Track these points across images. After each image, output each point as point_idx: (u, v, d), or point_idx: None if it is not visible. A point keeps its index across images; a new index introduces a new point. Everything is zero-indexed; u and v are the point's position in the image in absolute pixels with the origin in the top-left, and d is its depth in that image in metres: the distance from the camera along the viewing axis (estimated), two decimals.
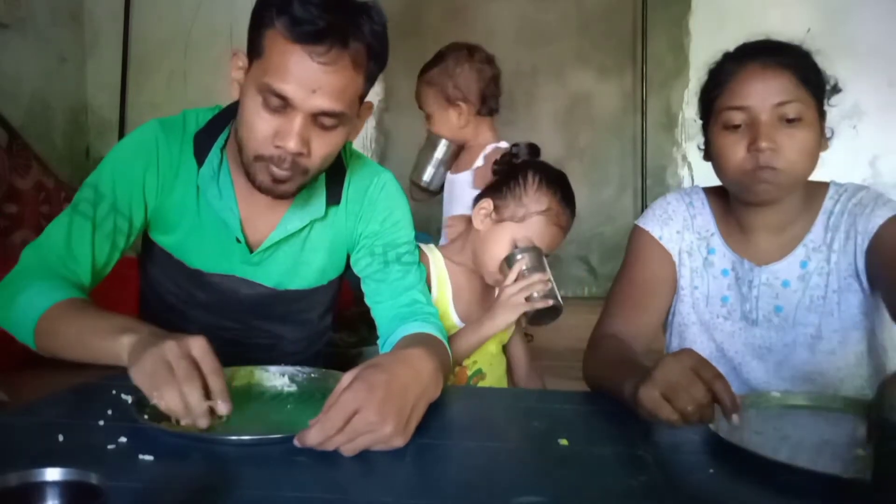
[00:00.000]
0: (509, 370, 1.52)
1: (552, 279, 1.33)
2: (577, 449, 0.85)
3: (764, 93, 1.08)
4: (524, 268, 1.31)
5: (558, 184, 1.38)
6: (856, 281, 1.15)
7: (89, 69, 3.66)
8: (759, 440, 0.85)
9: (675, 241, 1.26)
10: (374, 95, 3.58)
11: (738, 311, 1.21)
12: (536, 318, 1.34)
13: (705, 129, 1.19)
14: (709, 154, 1.19)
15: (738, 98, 1.10)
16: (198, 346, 0.86)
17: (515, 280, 1.30)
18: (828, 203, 1.18)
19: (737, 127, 1.10)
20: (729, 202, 1.23)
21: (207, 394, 0.83)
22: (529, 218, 1.34)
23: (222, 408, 0.84)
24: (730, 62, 1.14)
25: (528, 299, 1.30)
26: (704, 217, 1.26)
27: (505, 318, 1.31)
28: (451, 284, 1.39)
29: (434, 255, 1.41)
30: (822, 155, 1.13)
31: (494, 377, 1.43)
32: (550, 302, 1.30)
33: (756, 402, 1.00)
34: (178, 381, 0.82)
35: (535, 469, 0.80)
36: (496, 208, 1.37)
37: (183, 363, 0.83)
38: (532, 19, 3.59)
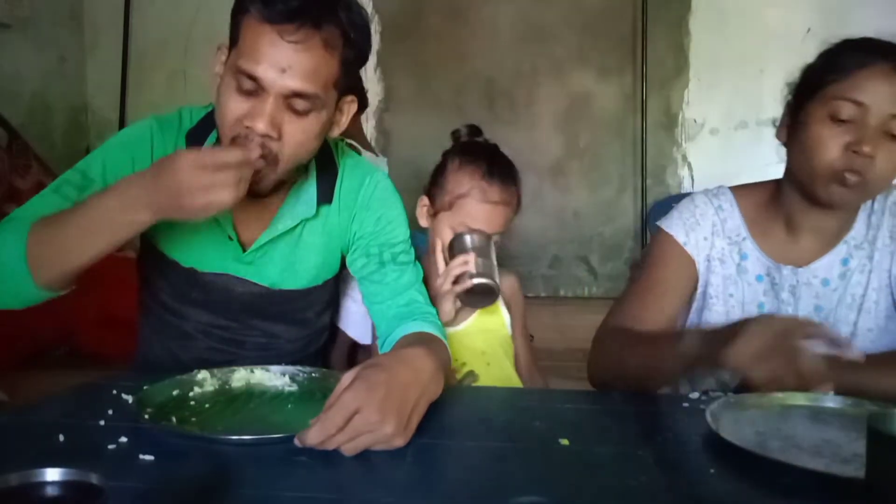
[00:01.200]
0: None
1: (485, 258, 1.29)
2: (577, 449, 0.85)
3: (886, 96, 1.03)
4: (466, 251, 1.29)
5: (483, 160, 1.34)
6: (889, 283, 1.14)
7: (89, 69, 3.66)
8: (759, 440, 0.85)
9: (702, 248, 1.21)
10: (374, 95, 3.59)
11: None
12: (471, 301, 1.32)
13: (795, 110, 1.13)
14: (789, 135, 1.13)
15: (858, 92, 1.04)
16: (190, 157, 0.93)
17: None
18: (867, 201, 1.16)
19: (843, 122, 1.05)
20: (766, 202, 1.19)
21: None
22: (456, 203, 1.32)
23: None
24: (857, 52, 1.07)
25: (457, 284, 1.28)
26: (734, 221, 1.22)
27: (442, 309, 1.29)
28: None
29: None
30: None
31: (495, 377, 1.42)
32: (469, 283, 1.27)
33: (756, 402, 1.00)
34: (216, 177, 0.93)
35: (535, 469, 0.80)
36: (431, 201, 1.37)
37: (208, 167, 0.93)
38: (532, 19, 3.59)
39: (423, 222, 1.39)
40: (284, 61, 0.99)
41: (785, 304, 1.17)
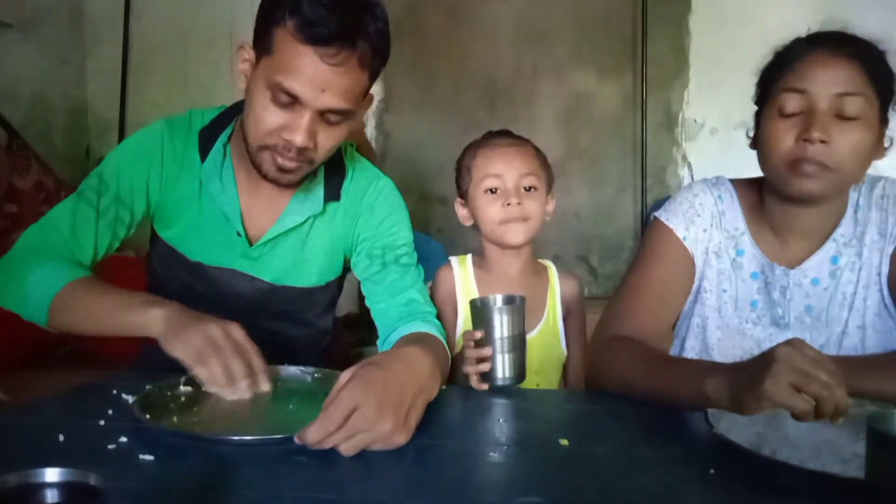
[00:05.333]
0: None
1: (512, 344, 1.09)
2: (577, 449, 0.85)
3: (827, 80, 1.02)
4: (489, 328, 1.09)
5: (487, 134, 1.37)
6: (878, 280, 1.11)
7: (89, 69, 3.65)
8: (759, 440, 0.85)
9: (700, 241, 1.18)
10: (374, 95, 3.58)
11: (768, 316, 1.16)
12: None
13: (758, 114, 1.13)
14: (755, 141, 1.13)
15: (799, 80, 1.04)
16: (237, 329, 0.99)
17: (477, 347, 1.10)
18: (852, 195, 1.13)
19: (792, 114, 1.04)
20: (761, 198, 1.16)
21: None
22: (473, 170, 1.32)
23: (265, 385, 0.99)
24: (799, 45, 1.08)
25: (483, 375, 1.10)
26: (734, 213, 1.18)
27: (457, 370, 1.18)
28: (480, 293, 1.32)
29: (464, 267, 1.37)
30: None
31: None
32: (484, 387, 1.09)
33: None
34: (224, 356, 0.95)
35: (535, 469, 0.80)
36: (462, 198, 1.37)
37: (229, 342, 0.97)
38: (532, 19, 3.59)
39: (467, 221, 1.37)
40: (324, 82, 1.02)
41: (776, 304, 1.15)
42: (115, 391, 1.00)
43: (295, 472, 0.76)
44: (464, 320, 1.31)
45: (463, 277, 1.35)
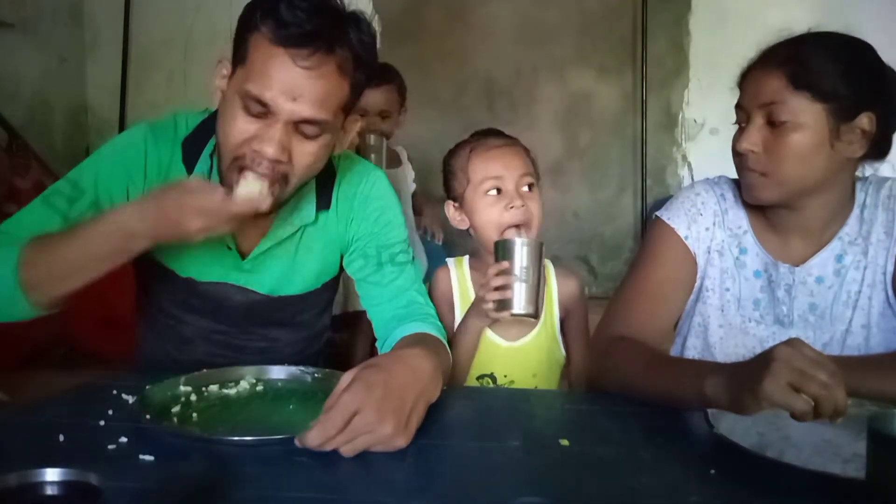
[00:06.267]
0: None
1: (528, 274, 1.17)
2: (577, 449, 0.85)
3: (752, 94, 1.09)
4: (510, 259, 1.18)
5: (475, 134, 1.37)
6: (883, 279, 1.12)
7: (89, 69, 3.65)
8: (759, 440, 0.85)
9: (703, 240, 1.19)
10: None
11: (772, 314, 1.16)
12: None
13: None
14: None
15: (742, 96, 1.11)
16: (191, 185, 0.96)
17: (493, 280, 1.18)
18: (859, 195, 1.15)
19: (741, 128, 1.11)
20: None
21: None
22: (469, 172, 1.29)
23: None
24: (746, 67, 1.14)
25: (501, 303, 1.17)
26: (736, 212, 1.20)
27: (476, 323, 1.24)
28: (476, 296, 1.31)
29: (461, 269, 1.36)
30: None
31: None
32: (506, 314, 1.17)
33: None
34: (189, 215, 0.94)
35: (535, 469, 0.80)
36: (455, 200, 1.34)
37: (187, 206, 0.94)
38: (532, 19, 3.58)
39: (461, 225, 1.34)
40: (296, 88, 0.96)
41: (780, 302, 1.15)
42: (115, 391, 1.00)
43: (295, 473, 0.76)
44: (460, 323, 1.30)
45: (460, 279, 1.34)
